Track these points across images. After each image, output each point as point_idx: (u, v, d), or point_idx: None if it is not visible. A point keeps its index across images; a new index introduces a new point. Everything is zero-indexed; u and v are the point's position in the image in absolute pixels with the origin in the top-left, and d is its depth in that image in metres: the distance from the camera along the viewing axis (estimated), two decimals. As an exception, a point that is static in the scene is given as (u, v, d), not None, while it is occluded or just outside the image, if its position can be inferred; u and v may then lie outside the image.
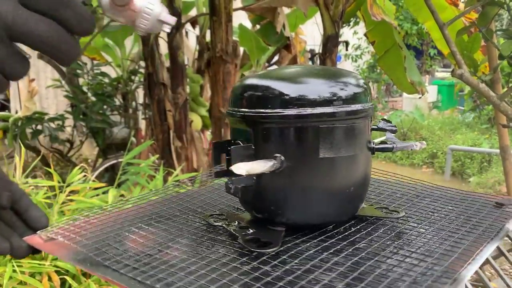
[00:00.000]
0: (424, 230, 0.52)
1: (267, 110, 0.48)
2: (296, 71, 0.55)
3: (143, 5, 0.38)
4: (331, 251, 0.47)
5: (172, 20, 0.40)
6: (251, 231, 0.51)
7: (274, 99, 0.49)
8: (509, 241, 0.55)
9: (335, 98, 0.49)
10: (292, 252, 0.47)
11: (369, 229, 0.53)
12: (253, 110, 0.50)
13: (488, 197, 0.63)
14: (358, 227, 0.54)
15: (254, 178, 0.49)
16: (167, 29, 0.40)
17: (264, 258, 0.45)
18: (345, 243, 0.49)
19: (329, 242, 0.49)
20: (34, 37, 0.31)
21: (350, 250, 0.47)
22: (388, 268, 0.43)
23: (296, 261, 0.44)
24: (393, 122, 0.59)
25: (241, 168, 0.44)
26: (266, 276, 0.41)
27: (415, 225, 0.54)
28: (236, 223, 0.54)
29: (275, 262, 0.44)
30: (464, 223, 0.54)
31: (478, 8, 1.12)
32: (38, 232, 0.50)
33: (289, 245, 0.48)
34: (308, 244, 0.49)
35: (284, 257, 0.45)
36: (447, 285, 0.38)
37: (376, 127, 0.58)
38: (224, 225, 0.54)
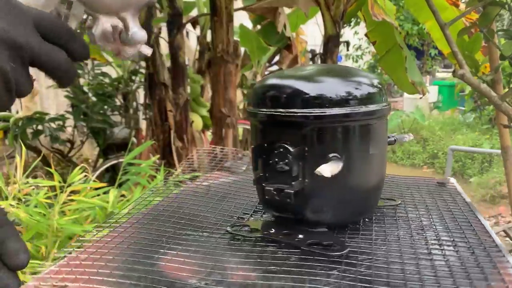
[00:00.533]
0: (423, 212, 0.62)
1: (323, 110, 0.48)
2: (339, 70, 0.57)
3: (139, 38, 0.44)
4: (372, 240, 0.51)
5: (150, 51, 0.46)
6: (300, 236, 0.50)
7: (329, 99, 0.48)
8: (510, 241, 0.55)
9: (378, 96, 0.51)
10: (350, 249, 0.48)
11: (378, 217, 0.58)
12: (307, 111, 0.48)
13: (429, 179, 0.82)
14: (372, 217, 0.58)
15: (307, 181, 0.48)
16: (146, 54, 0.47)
17: (336, 259, 0.45)
18: (374, 232, 0.53)
19: (362, 234, 0.52)
20: (52, 66, 0.39)
21: (382, 236, 0.52)
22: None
23: (363, 256, 0.47)
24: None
25: (326, 171, 0.44)
26: (368, 276, 0.42)
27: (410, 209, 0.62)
28: (267, 231, 0.53)
29: (351, 261, 0.45)
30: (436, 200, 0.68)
31: (479, 8, 1.12)
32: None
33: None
34: (353, 239, 0.51)
35: (349, 254, 0.47)
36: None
37: None
38: (262, 235, 0.52)
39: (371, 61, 8.12)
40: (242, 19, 3.18)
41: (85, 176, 1.55)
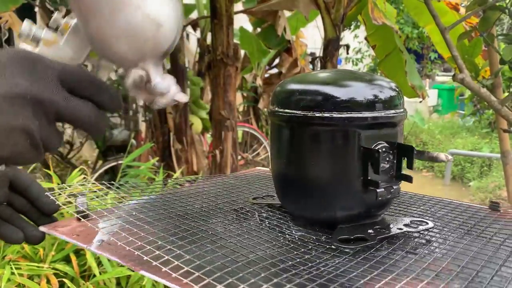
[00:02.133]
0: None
1: (402, 110, 0.52)
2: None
3: (163, 89, 0.43)
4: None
5: (185, 98, 0.46)
6: (369, 230, 0.50)
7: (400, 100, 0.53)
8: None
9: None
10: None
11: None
12: (401, 111, 0.52)
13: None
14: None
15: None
16: (181, 101, 0.46)
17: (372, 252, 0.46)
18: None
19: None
20: (80, 120, 0.38)
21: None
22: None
23: (387, 245, 0.48)
24: None
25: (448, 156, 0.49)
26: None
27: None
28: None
29: (384, 254, 0.46)
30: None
31: (479, 12, 1.12)
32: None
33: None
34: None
35: (377, 247, 0.47)
36: None
37: None
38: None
39: (371, 64, 8.13)
40: (242, 21, 3.18)
41: (84, 178, 1.55)
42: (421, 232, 0.52)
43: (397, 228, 0.51)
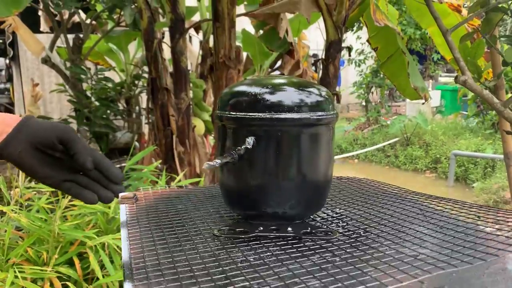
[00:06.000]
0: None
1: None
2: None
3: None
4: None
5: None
6: (289, 228, 0.58)
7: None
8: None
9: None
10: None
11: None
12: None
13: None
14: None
15: None
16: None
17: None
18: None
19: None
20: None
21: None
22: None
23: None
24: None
25: None
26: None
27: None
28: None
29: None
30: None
31: (481, 14, 1.12)
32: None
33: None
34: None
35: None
36: None
37: None
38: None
39: (373, 66, 8.12)
40: (244, 24, 3.18)
41: (87, 181, 1.55)
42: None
43: None
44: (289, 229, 0.57)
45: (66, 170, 0.63)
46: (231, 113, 0.58)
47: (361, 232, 0.59)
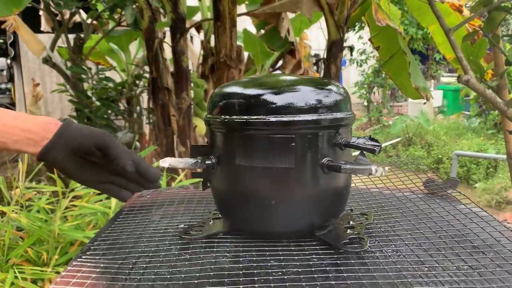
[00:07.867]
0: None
1: None
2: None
3: None
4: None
5: None
6: None
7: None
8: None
9: None
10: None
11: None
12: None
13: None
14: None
15: None
16: None
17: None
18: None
19: None
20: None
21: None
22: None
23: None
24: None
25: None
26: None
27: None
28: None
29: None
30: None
31: (484, 13, 1.11)
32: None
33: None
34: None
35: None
36: None
37: (349, 142, 0.50)
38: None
39: (375, 66, 8.11)
40: (246, 23, 3.18)
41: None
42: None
43: None
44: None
45: (104, 173, 0.67)
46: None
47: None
